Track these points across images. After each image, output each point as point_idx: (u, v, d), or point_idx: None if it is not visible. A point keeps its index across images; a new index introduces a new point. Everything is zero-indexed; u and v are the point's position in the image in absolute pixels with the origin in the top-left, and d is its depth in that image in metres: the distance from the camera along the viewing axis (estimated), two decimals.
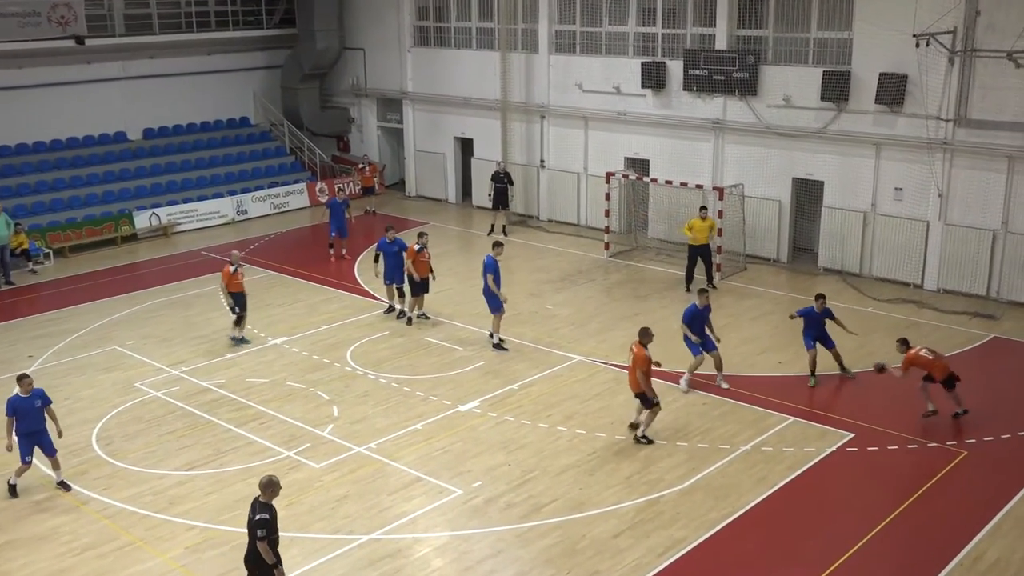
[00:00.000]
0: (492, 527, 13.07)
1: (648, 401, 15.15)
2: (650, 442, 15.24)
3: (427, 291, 20.77)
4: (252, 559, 10.62)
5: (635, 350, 15.09)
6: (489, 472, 14.46)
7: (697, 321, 17.19)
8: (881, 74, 22.11)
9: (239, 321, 19.87)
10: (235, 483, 14.26)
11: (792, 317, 18.05)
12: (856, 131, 23.03)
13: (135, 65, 31.57)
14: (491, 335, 19.44)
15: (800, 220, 25.20)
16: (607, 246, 25.84)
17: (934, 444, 15.11)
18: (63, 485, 14.18)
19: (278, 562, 10.64)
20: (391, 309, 21.41)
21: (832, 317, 17.67)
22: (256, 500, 10.66)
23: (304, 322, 21.12)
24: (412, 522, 13.21)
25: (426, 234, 21.13)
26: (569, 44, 28.52)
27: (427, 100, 32.38)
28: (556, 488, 13.99)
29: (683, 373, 17.39)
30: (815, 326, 17.59)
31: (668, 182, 25.06)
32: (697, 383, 17.43)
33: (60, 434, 14.34)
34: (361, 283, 23.78)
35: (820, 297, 17.80)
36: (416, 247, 20.46)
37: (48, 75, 29.62)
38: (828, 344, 17.67)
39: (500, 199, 28.14)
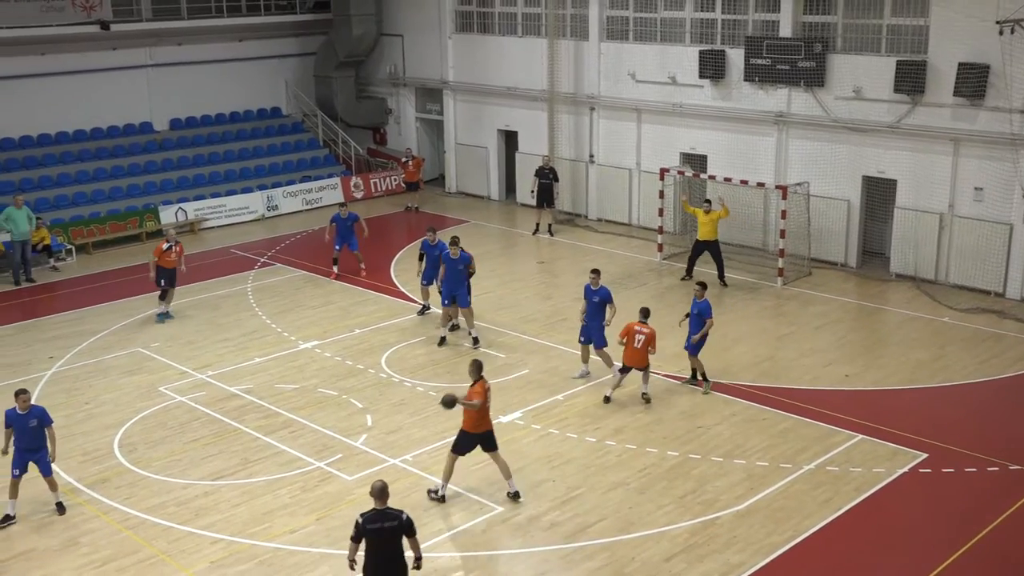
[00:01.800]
0: (535, 547, 13.06)
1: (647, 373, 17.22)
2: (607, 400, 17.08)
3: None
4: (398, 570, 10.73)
5: (646, 330, 16.80)
6: (532, 488, 14.45)
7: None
8: (960, 64, 21.81)
9: (164, 295, 21.61)
10: (263, 495, 14.40)
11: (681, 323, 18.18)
12: (932, 126, 22.74)
13: (162, 52, 32.03)
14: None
15: (870, 221, 24.94)
16: (660, 248, 25.75)
17: (1016, 467, 14.87)
18: (59, 507, 14.06)
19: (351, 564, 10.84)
20: (425, 309, 21.53)
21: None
22: (388, 510, 10.68)
23: (337, 325, 21.27)
24: (450, 540, 13.25)
25: (458, 238, 20.55)
26: (621, 31, 28.47)
27: (469, 90, 32.48)
28: (604, 506, 13.96)
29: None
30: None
31: (727, 179, 24.91)
32: (753, 394, 17.33)
33: (53, 459, 14.00)
34: (397, 285, 23.90)
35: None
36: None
37: (72, 62, 30.14)
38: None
39: (545, 196, 28.06)
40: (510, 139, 31.99)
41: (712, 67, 25.96)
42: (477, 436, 13.93)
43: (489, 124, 32.27)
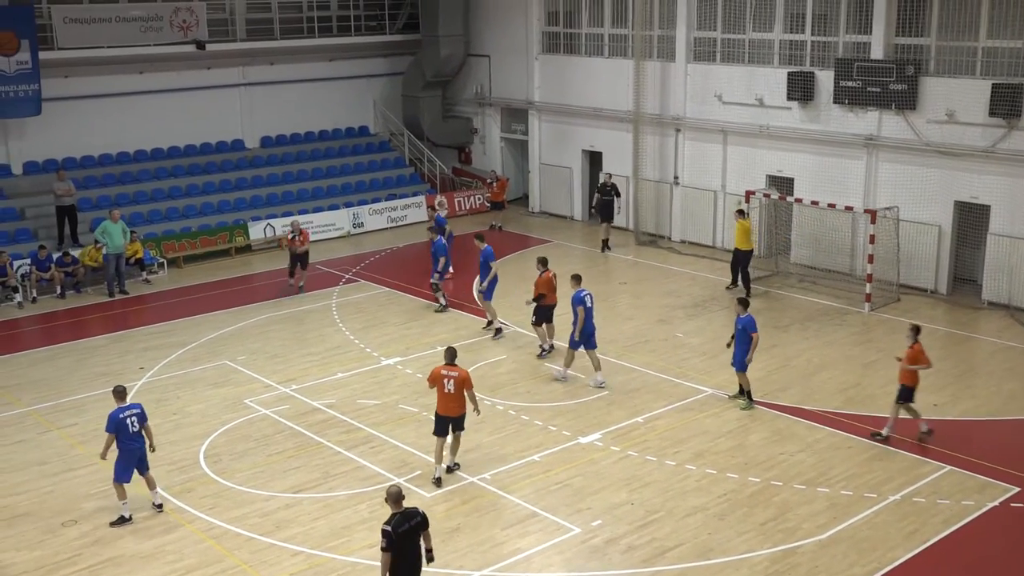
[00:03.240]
0: (612, 570, 13.00)
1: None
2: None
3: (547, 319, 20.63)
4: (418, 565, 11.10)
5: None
6: (610, 511, 14.40)
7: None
8: None
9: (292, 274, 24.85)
10: (343, 509, 14.57)
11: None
12: None
13: (255, 71, 32.81)
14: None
15: (962, 248, 24.37)
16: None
17: None
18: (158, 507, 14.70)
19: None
20: (490, 326, 21.95)
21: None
22: (408, 510, 11.04)
23: (419, 342, 21.47)
24: (526, 560, 13.25)
25: (545, 258, 20.85)
26: (709, 52, 28.35)
27: (554, 110, 32.62)
28: (682, 531, 13.84)
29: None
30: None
31: (814, 203, 24.58)
32: (838, 421, 17.06)
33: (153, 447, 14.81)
34: (480, 303, 24.01)
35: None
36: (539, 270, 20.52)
37: (168, 80, 31.02)
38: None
39: (606, 211, 28.62)
40: (594, 159, 32.01)
41: (801, 89, 25.69)
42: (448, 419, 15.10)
43: (574, 144, 32.35)
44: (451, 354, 15.09)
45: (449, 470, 15.48)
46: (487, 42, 34.69)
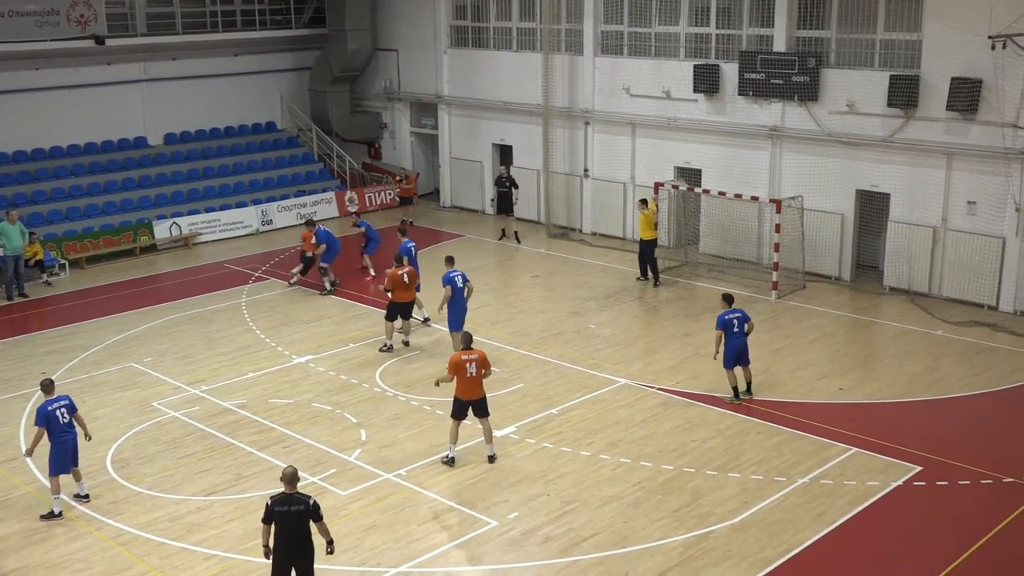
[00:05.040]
0: (529, 561, 13.06)
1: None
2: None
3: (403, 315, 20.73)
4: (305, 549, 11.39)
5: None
6: (526, 502, 14.46)
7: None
8: (953, 78, 21.92)
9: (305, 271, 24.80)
10: (257, 510, 14.28)
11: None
12: (926, 140, 22.84)
13: (157, 67, 32.12)
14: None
15: (864, 235, 25.01)
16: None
17: (1011, 479, 14.89)
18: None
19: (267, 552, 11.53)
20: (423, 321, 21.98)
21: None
22: (296, 495, 11.37)
23: (331, 340, 21.28)
24: (443, 555, 13.24)
25: (399, 256, 20.80)
26: (616, 45, 28.60)
27: (464, 104, 32.59)
28: (598, 521, 13.96)
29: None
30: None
31: (721, 193, 25.00)
32: (747, 408, 17.38)
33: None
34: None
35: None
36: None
37: (66, 77, 30.21)
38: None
39: (504, 204, 28.84)
40: (505, 153, 32.07)
41: (706, 81, 26.07)
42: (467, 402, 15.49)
43: (484, 138, 32.37)
44: (468, 339, 15.70)
45: (491, 459, 15.63)
46: (395, 36, 34.49)
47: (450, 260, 20.13)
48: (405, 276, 20.15)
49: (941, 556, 12.98)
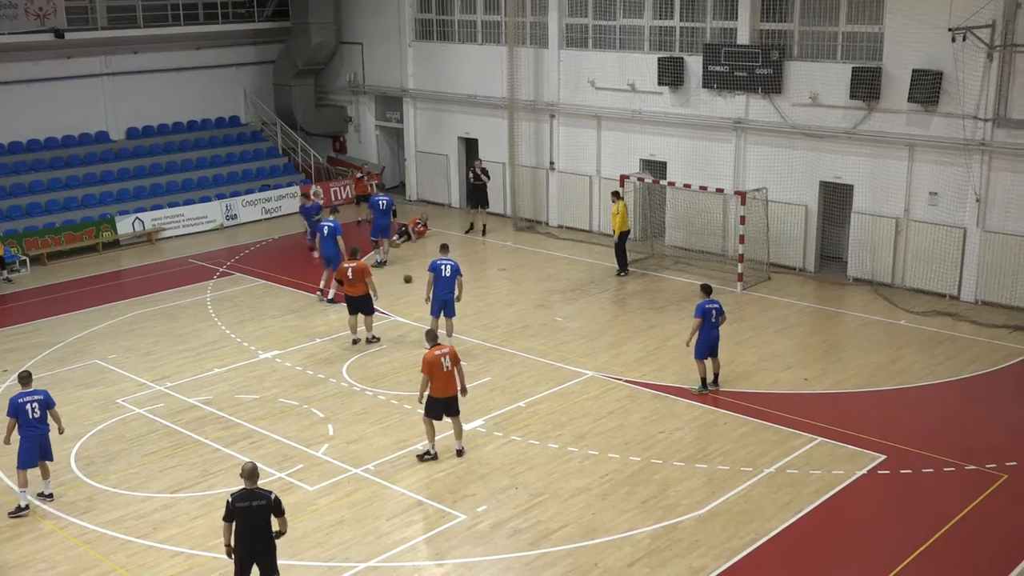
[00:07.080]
0: (498, 554, 13.07)
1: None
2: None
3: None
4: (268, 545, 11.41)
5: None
6: (495, 495, 14.47)
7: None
8: (914, 71, 22.13)
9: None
10: (223, 507, 14.25)
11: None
12: (888, 131, 23.05)
13: (118, 60, 31.75)
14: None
15: (828, 227, 25.20)
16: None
17: (972, 467, 15.08)
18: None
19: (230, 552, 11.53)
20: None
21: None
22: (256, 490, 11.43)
23: (297, 335, 21.17)
24: (412, 549, 13.23)
25: (355, 248, 20.86)
26: (581, 38, 28.61)
27: (429, 98, 32.48)
28: (566, 513, 14.00)
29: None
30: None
31: (687, 186, 25.10)
32: (713, 399, 17.47)
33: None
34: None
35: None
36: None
37: (25, 71, 29.80)
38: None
39: (478, 197, 28.93)
40: (471, 146, 32.02)
41: (671, 74, 26.14)
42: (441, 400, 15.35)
43: (449, 132, 32.29)
44: (433, 336, 15.86)
45: (459, 454, 15.61)
46: (359, 29, 34.31)
47: (444, 248, 20.28)
48: (349, 271, 20.08)
49: (906, 543, 13.12)
